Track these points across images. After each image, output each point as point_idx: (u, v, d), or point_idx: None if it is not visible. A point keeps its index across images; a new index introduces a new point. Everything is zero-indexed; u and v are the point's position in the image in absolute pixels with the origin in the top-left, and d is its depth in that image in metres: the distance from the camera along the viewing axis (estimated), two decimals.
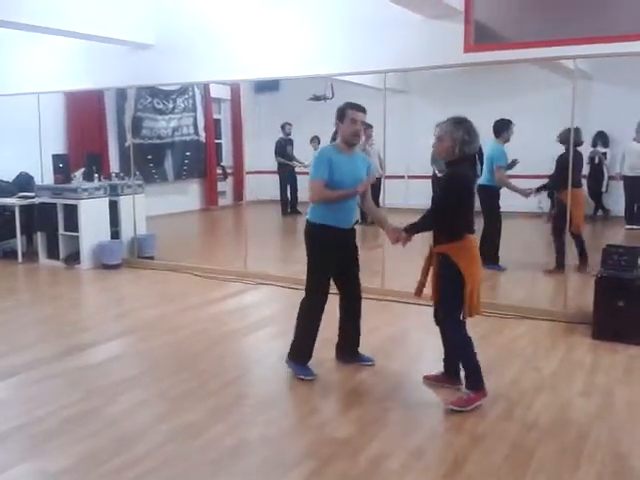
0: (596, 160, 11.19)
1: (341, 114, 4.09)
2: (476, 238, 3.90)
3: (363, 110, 4.11)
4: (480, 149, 6.57)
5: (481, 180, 7.33)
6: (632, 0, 5.42)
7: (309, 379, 4.17)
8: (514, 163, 7.38)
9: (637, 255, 5.16)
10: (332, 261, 4.19)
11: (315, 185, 4.05)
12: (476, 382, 3.77)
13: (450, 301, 3.80)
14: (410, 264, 6.72)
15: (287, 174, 12.85)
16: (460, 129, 3.69)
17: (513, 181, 7.31)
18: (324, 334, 4.34)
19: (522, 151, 7.74)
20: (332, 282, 4.31)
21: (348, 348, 4.48)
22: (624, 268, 5.02)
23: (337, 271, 4.28)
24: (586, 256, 7.07)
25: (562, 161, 6.73)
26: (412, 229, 3.87)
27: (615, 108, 10.62)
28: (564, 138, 6.73)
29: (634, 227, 10.28)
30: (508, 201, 7.73)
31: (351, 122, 4.06)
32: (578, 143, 6.62)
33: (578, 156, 7.07)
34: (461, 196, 3.75)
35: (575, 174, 6.97)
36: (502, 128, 7.13)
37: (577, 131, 6.92)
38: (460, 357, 3.88)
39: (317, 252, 4.18)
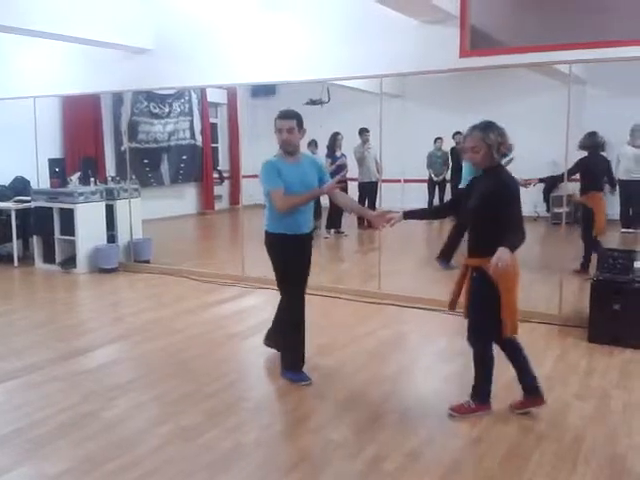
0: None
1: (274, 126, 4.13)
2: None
3: (286, 116, 4.10)
4: None
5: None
6: (626, 6, 5.46)
7: (305, 384, 4.18)
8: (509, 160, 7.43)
9: (632, 259, 5.19)
10: (297, 267, 4.21)
11: (276, 195, 4.02)
12: (483, 396, 3.73)
13: (486, 319, 3.63)
14: (406, 267, 6.79)
15: None
16: (490, 132, 3.55)
17: None
18: (317, 340, 4.35)
19: (516, 155, 7.76)
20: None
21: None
22: (619, 271, 5.05)
23: None
24: (589, 263, 7.04)
25: (583, 165, 6.81)
26: (509, 245, 3.37)
27: (609, 113, 10.64)
28: (586, 143, 6.82)
29: (629, 231, 10.31)
30: None
31: (278, 132, 4.10)
32: (601, 148, 6.69)
33: (604, 161, 7.11)
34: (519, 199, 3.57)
35: (599, 179, 7.03)
36: None
37: (596, 135, 6.95)
38: (477, 371, 3.76)
39: (282, 261, 4.19)
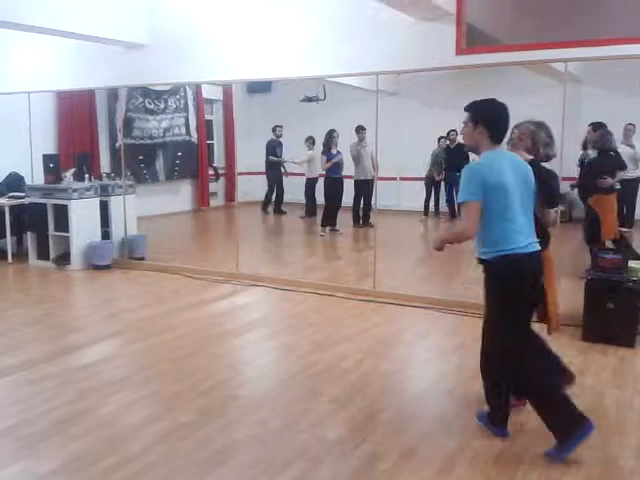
0: (586, 163, 11.21)
1: None
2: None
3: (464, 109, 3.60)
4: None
5: None
6: (622, 4, 5.46)
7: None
8: None
9: (627, 258, 5.19)
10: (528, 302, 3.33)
11: (472, 209, 3.15)
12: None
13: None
14: (401, 266, 6.81)
15: (275, 174, 12.95)
16: (542, 131, 3.75)
17: None
18: (312, 337, 4.34)
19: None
20: None
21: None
22: (613, 270, 5.05)
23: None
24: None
25: (591, 165, 6.81)
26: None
27: (604, 111, 10.64)
28: (598, 143, 6.74)
29: (623, 230, 10.31)
30: None
31: None
32: (610, 148, 6.61)
33: (614, 161, 6.92)
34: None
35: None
36: None
37: (608, 133, 6.84)
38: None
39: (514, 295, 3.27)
